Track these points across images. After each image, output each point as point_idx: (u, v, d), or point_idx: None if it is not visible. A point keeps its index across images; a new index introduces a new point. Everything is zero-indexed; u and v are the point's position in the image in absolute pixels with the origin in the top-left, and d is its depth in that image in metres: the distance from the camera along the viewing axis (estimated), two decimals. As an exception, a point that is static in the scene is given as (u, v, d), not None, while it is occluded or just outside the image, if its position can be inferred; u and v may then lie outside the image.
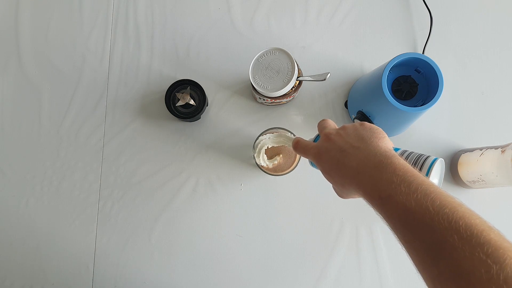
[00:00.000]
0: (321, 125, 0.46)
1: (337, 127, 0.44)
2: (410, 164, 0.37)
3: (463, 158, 0.62)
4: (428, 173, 0.37)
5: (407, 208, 0.31)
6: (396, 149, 0.40)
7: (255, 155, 0.59)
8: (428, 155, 0.39)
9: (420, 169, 0.38)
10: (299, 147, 0.45)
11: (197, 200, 0.67)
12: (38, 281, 0.66)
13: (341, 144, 0.39)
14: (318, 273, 0.65)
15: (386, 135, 0.40)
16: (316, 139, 0.47)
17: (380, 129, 0.40)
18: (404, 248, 0.32)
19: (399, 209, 0.31)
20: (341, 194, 0.43)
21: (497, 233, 0.27)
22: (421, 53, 0.68)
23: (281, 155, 0.60)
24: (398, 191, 0.32)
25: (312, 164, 0.49)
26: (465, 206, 0.30)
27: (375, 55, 0.69)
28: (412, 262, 0.31)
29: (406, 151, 0.42)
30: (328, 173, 0.40)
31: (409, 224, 0.31)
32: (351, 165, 0.37)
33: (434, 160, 0.38)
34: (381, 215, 0.34)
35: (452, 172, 0.65)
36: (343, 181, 0.38)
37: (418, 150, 0.66)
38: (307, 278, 0.65)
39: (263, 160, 0.59)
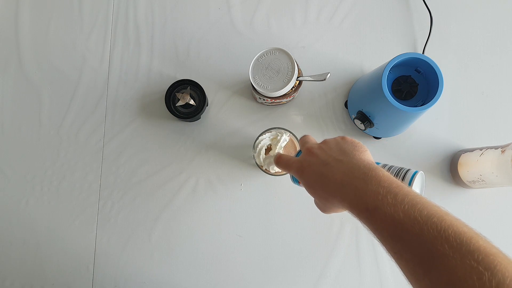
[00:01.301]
0: (303, 140, 0.46)
1: (318, 143, 0.44)
2: None
3: (463, 158, 0.62)
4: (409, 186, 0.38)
5: (395, 219, 0.31)
6: (377, 163, 0.40)
7: (255, 155, 0.59)
8: (408, 168, 0.40)
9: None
10: (281, 162, 0.45)
11: (197, 200, 0.67)
12: (38, 281, 0.66)
13: (324, 158, 0.39)
14: (318, 273, 0.65)
15: (367, 149, 0.40)
16: (297, 155, 0.47)
17: (361, 143, 0.41)
18: (393, 260, 0.32)
19: (388, 220, 0.31)
20: (323, 209, 0.42)
21: (485, 240, 0.28)
22: (421, 53, 0.68)
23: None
24: (385, 202, 0.32)
25: (294, 180, 0.48)
26: (452, 215, 0.30)
27: (375, 55, 0.69)
28: (402, 273, 0.31)
29: (386, 165, 0.42)
30: (311, 187, 0.40)
31: (398, 235, 0.31)
32: (335, 178, 0.37)
33: (415, 173, 0.39)
34: (368, 227, 0.34)
35: (452, 172, 0.65)
36: (327, 194, 0.38)
37: (418, 150, 0.66)
38: (307, 278, 0.65)
39: (265, 165, 0.58)
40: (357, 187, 0.35)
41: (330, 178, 0.37)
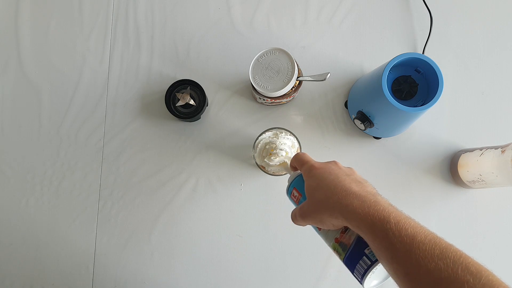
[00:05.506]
0: (302, 158, 0.45)
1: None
2: None
3: (463, 158, 0.62)
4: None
5: (416, 238, 0.30)
6: None
7: (255, 155, 0.59)
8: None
9: None
10: (299, 156, 0.46)
11: (197, 200, 0.67)
12: (38, 281, 0.66)
13: (338, 171, 0.40)
14: (318, 273, 0.65)
15: None
16: (295, 179, 0.46)
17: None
18: (400, 280, 0.31)
19: (409, 236, 0.30)
20: (309, 214, 0.39)
21: (496, 275, 0.28)
22: (421, 53, 0.68)
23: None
24: (406, 220, 0.32)
25: (289, 191, 0.47)
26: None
27: (375, 55, 0.69)
28: None
29: None
30: (319, 186, 0.39)
31: (416, 254, 0.29)
32: (351, 187, 0.37)
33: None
34: (382, 241, 0.32)
35: (452, 172, 0.65)
36: (335, 199, 0.36)
37: (418, 150, 0.66)
38: (307, 278, 0.65)
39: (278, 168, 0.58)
40: (378, 200, 0.34)
41: (346, 185, 0.37)
